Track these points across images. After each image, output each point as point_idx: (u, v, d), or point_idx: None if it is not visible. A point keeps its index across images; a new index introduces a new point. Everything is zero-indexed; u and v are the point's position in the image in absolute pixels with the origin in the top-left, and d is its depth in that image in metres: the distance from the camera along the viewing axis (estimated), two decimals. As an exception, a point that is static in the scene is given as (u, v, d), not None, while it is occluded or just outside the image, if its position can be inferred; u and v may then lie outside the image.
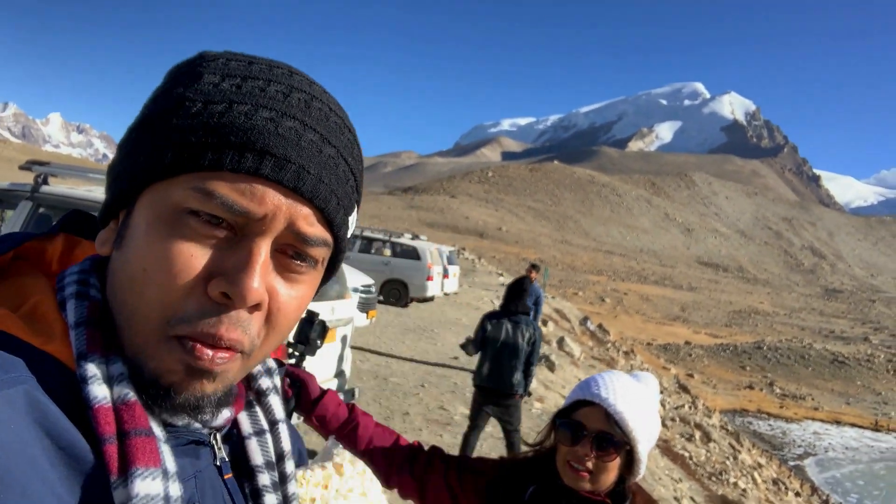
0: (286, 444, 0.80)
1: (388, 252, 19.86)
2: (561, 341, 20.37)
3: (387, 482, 1.72)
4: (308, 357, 2.33)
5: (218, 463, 0.73)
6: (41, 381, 0.58)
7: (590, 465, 1.60)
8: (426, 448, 1.82)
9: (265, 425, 0.79)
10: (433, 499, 1.72)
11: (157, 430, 0.62)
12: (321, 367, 5.98)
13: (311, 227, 0.64)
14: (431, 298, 20.72)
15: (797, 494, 24.51)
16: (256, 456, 0.77)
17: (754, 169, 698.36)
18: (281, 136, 0.61)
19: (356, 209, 0.71)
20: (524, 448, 1.83)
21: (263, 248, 0.62)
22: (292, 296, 0.65)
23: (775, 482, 23.80)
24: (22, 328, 0.61)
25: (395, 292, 19.53)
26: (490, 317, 6.77)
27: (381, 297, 18.80)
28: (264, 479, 0.76)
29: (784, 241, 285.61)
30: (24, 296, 0.65)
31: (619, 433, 1.60)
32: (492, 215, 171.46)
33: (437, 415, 8.71)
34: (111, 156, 0.66)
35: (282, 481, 0.79)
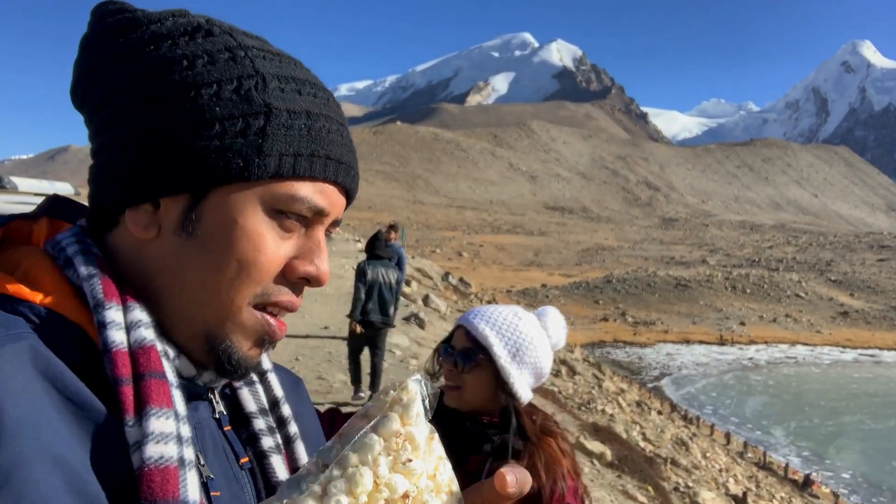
0: (278, 391, 0.83)
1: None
2: (426, 299, 20.65)
3: None
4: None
5: (217, 416, 0.76)
6: (44, 334, 0.61)
7: (458, 380, 1.72)
8: (322, 411, 1.77)
9: (254, 376, 0.82)
10: None
11: (171, 376, 0.65)
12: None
13: (343, 212, 0.76)
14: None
15: (659, 413, 26.35)
16: (249, 403, 0.80)
17: (587, 112, 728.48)
18: (345, 146, 0.73)
19: None
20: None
21: (323, 235, 0.73)
22: None
23: (638, 404, 25.45)
24: (20, 288, 0.64)
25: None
26: (364, 265, 8.07)
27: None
28: (259, 423, 0.80)
29: (621, 178, 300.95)
30: (17, 262, 0.68)
31: (475, 348, 1.72)
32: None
33: (316, 385, 8.68)
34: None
35: (280, 425, 0.82)
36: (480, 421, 1.73)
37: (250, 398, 0.81)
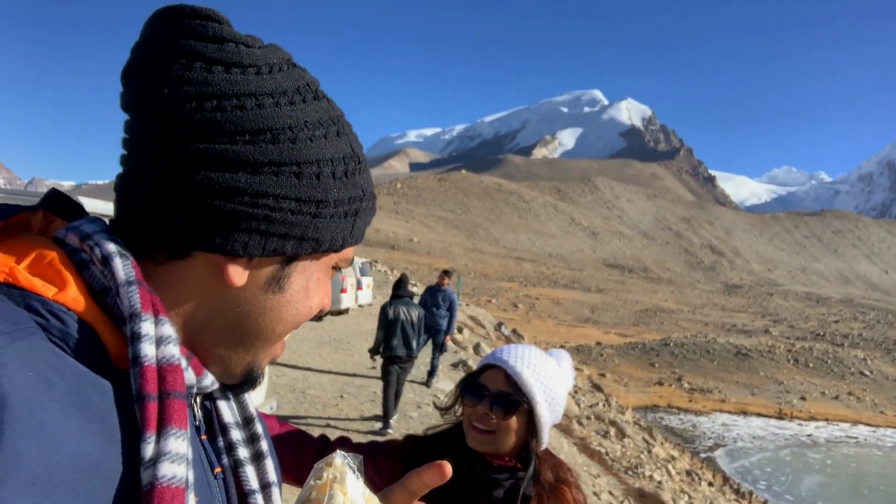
0: (251, 410, 0.86)
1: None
2: (477, 347, 20.51)
3: (298, 480, 1.67)
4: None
5: (197, 423, 0.77)
6: (52, 330, 0.60)
7: (491, 424, 1.64)
8: (332, 440, 1.79)
9: (230, 394, 0.84)
10: None
11: (187, 396, 0.68)
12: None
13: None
14: (346, 310, 20.52)
15: (710, 484, 25.35)
16: (227, 415, 0.82)
17: (653, 172, 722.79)
18: (374, 211, 0.82)
19: None
20: (430, 423, 1.94)
21: None
22: None
23: (689, 473, 24.56)
24: (29, 280, 0.62)
25: (308, 306, 19.27)
26: (387, 305, 8.94)
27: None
28: (236, 434, 0.82)
29: (684, 240, 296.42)
30: (25, 250, 0.66)
31: (516, 393, 1.65)
32: (402, 227, 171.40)
33: (357, 425, 8.60)
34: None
35: (252, 440, 0.84)
36: (492, 464, 1.67)
37: (228, 410, 0.83)
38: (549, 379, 1.69)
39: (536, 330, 72.18)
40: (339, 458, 0.63)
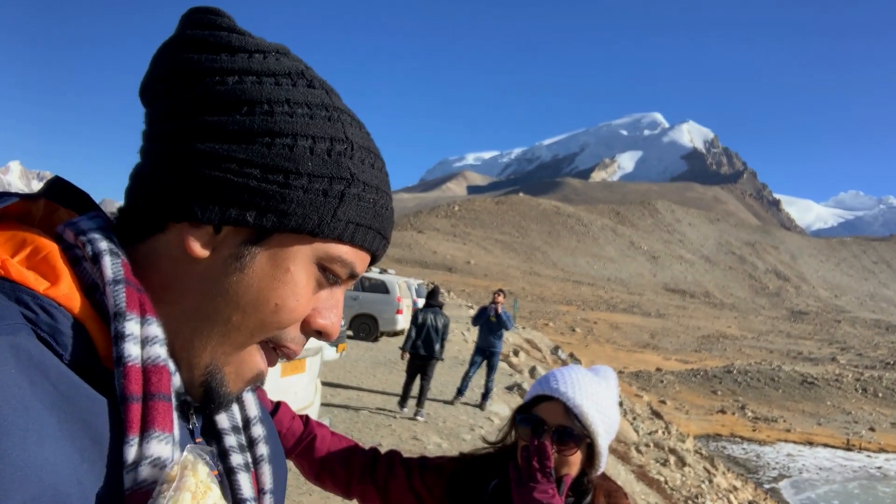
0: (251, 411, 0.84)
1: (352, 286, 19.58)
2: (532, 370, 20.32)
3: (347, 492, 1.68)
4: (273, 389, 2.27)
5: (191, 427, 0.76)
6: (43, 328, 0.59)
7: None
8: (383, 453, 1.77)
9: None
10: (397, 502, 1.68)
11: (173, 397, 0.66)
12: (290, 400, 5.86)
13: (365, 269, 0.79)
14: (402, 331, 20.58)
15: (774, 516, 24.52)
16: (223, 420, 0.81)
17: (715, 195, 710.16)
18: (391, 219, 0.77)
19: None
20: (482, 444, 1.82)
21: (343, 294, 0.77)
22: None
23: (752, 504, 23.79)
24: (21, 273, 0.61)
25: (364, 326, 19.32)
26: (419, 311, 10.41)
27: (351, 332, 18.62)
28: (230, 440, 0.80)
29: (748, 265, 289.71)
30: (20, 243, 0.65)
31: (578, 427, 1.60)
32: (460, 249, 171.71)
33: (410, 445, 8.57)
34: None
35: (250, 444, 0.83)
36: None
37: (224, 415, 0.81)
38: (607, 408, 1.64)
39: (594, 354, 71.22)
40: (190, 449, 0.62)
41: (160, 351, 0.64)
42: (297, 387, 6.09)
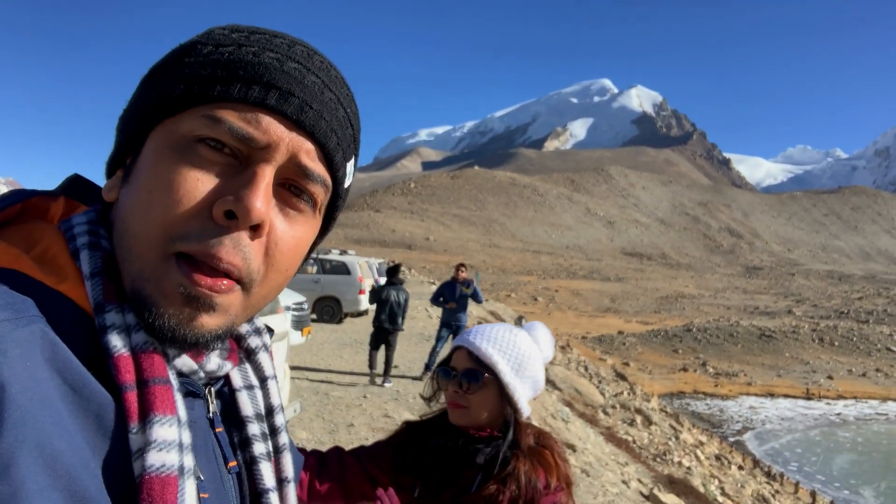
0: (275, 399, 0.83)
1: (313, 269, 19.34)
2: (498, 342, 20.51)
3: (309, 497, 1.72)
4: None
5: (210, 415, 0.75)
6: (54, 320, 0.59)
7: (463, 400, 1.75)
8: (325, 451, 1.84)
9: (255, 381, 0.82)
10: (356, 492, 1.76)
11: (173, 379, 0.64)
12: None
13: (312, 161, 0.68)
14: (365, 312, 20.50)
15: (740, 468, 25.19)
16: (246, 407, 0.79)
17: (667, 158, 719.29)
18: (286, 72, 0.67)
19: (354, 159, 0.76)
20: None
21: (267, 173, 0.65)
22: (290, 234, 0.68)
23: (718, 458, 24.41)
24: (34, 268, 0.62)
25: (328, 309, 19.17)
26: (382, 288, 11.08)
27: (315, 316, 18.52)
28: (254, 428, 0.79)
29: (702, 224, 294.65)
30: (34, 240, 0.67)
31: (480, 367, 1.76)
32: (418, 226, 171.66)
33: (381, 423, 8.61)
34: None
35: (272, 433, 0.82)
36: (472, 436, 1.76)
37: (248, 402, 0.80)
38: (512, 348, 1.79)
39: (557, 322, 72.05)
40: None
41: (147, 336, 0.63)
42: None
